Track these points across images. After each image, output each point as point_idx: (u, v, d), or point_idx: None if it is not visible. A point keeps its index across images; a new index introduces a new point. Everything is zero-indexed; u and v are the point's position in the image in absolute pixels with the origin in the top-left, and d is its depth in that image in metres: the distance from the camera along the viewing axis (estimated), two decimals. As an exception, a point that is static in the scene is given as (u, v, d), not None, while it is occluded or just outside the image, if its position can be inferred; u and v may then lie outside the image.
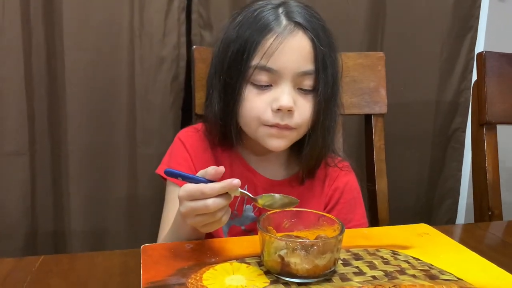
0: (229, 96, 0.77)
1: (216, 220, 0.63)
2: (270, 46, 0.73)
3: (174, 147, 0.85)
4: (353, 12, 1.25)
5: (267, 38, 0.73)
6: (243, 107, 0.76)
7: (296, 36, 0.74)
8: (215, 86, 0.79)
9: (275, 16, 0.75)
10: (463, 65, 1.40)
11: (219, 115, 0.79)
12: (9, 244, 1.14)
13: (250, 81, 0.75)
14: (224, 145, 0.83)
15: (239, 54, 0.75)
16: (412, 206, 1.43)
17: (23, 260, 0.67)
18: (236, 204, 0.83)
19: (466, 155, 1.46)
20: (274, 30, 0.73)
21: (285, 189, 0.84)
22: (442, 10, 1.34)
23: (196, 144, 0.84)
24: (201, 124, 0.86)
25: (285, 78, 0.74)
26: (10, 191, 1.12)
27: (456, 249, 0.69)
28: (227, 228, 0.83)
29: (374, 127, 1.06)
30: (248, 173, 0.84)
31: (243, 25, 0.76)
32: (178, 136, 0.86)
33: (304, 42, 0.74)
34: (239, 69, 0.75)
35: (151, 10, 1.13)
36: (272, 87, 0.75)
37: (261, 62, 0.73)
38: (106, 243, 1.19)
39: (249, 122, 0.77)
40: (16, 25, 1.06)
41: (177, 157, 0.83)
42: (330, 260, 0.58)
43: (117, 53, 1.12)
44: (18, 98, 1.09)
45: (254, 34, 0.74)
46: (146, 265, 0.61)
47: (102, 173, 1.17)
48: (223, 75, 0.78)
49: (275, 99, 0.74)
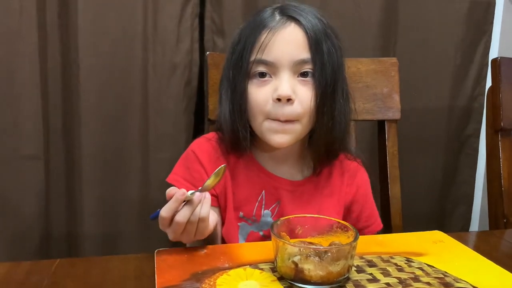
0: (236, 95, 0.79)
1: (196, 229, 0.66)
2: (264, 40, 0.76)
3: (188, 159, 0.85)
4: (366, 17, 1.25)
5: (262, 33, 0.77)
6: (248, 103, 0.79)
7: (288, 27, 0.77)
8: (224, 89, 0.82)
9: (271, 14, 0.79)
10: (477, 71, 1.39)
11: (229, 116, 0.81)
12: (23, 247, 1.15)
13: (251, 76, 0.78)
14: (237, 150, 0.83)
15: (240, 53, 0.79)
16: (425, 212, 1.42)
17: (40, 263, 0.68)
18: (254, 210, 0.84)
19: (480, 161, 1.44)
20: (268, 26, 0.77)
21: (306, 189, 0.85)
22: (456, 15, 1.33)
23: (208, 154, 0.84)
24: (213, 133, 0.87)
25: (282, 68, 0.76)
26: (25, 195, 1.13)
27: (471, 257, 0.69)
28: (245, 234, 0.84)
29: (387, 133, 1.05)
30: (266, 177, 0.84)
31: (244, 28, 0.80)
32: (191, 148, 0.86)
33: (296, 31, 0.77)
34: (241, 67, 0.78)
35: (164, 16, 1.14)
36: (272, 79, 0.78)
37: (257, 56, 0.77)
38: (119, 246, 1.20)
39: (255, 116, 0.79)
40: (32, 32, 1.08)
41: (192, 171, 0.84)
42: (344, 267, 0.58)
43: (131, 59, 1.14)
44: (34, 103, 1.10)
45: (252, 32, 0.78)
46: (160, 270, 0.62)
47: (115, 177, 1.18)
48: (230, 77, 0.81)
49: (275, 89, 0.76)
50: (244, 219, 0.84)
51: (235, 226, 0.83)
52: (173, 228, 0.65)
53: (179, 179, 0.84)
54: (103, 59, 1.12)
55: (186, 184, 0.83)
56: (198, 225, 0.65)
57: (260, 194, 0.83)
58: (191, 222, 0.64)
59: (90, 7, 1.09)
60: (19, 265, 0.66)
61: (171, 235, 0.67)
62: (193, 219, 0.64)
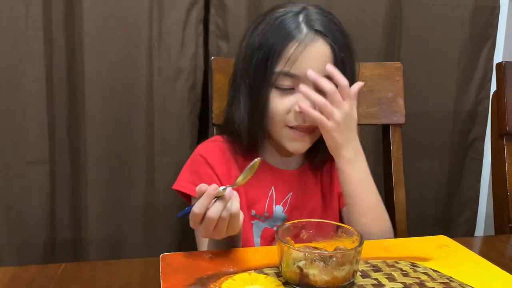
0: (255, 100, 0.81)
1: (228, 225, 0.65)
2: (293, 54, 0.77)
3: (196, 164, 0.86)
4: (370, 21, 1.25)
5: (289, 46, 0.78)
6: (268, 109, 0.80)
7: (316, 43, 0.78)
8: (241, 91, 0.83)
9: (296, 24, 0.79)
10: (482, 75, 1.38)
11: (246, 118, 0.82)
12: (29, 251, 1.15)
13: (275, 86, 0.80)
14: (247, 151, 0.84)
15: (264, 61, 0.79)
16: (430, 217, 1.42)
17: (46, 267, 0.68)
18: (266, 206, 0.85)
19: (485, 165, 1.44)
20: (296, 38, 0.78)
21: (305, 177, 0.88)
22: (460, 19, 1.33)
23: (217, 157, 0.85)
24: (218, 136, 0.88)
25: (306, 82, 0.77)
26: (30, 199, 1.14)
27: (477, 262, 0.68)
28: (259, 231, 0.85)
29: (392, 137, 1.05)
30: (274, 174, 0.87)
31: (266, 33, 0.80)
32: (198, 153, 0.87)
33: (324, 48, 0.79)
34: (264, 74, 0.79)
35: (169, 22, 1.15)
36: (294, 90, 0.79)
37: (284, 68, 0.78)
38: (124, 251, 1.20)
39: (274, 123, 0.81)
40: (38, 37, 1.08)
41: (201, 174, 0.84)
42: (349, 272, 0.58)
43: (136, 64, 1.14)
44: (39, 107, 1.11)
45: (277, 42, 0.78)
46: (165, 274, 0.62)
47: (120, 181, 1.18)
48: (248, 80, 0.82)
49: (297, 102, 0.78)
50: (256, 217, 0.86)
51: (249, 225, 0.85)
52: (205, 225, 0.64)
53: (186, 184, 0.84)
54: (108, 64, 1.13)
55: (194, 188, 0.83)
56: (229, 221, 0.65)
57: (269, 190, 0.84)
58: (223, 218, 0.64)
59: (96, 12, 1.10)
60: (26, 269, 0.67)
61: (202, 232, 0.66)
62: (225, 215, 0.64)
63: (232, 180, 0.80)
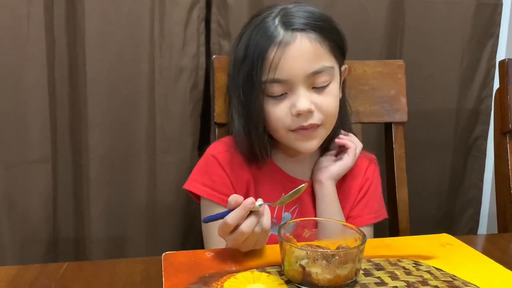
0: (248, 112, 0.80)
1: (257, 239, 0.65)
2: (274, 59, 0.76)
3: (208, 164, 0.85)
4: (372, 20, 1.25)
5: (269, 52, 0.76)
6: (268, 119, 0.79)
7: (295, 42, 0.76)
8: (234, 105, 0.82)
9: (273, 28, 0.77)
10: (484, 73, 1.38)
11: (243, 132, 0.81)
12: (31, 251, 1.15)
13: (266, 94, 0.78)
14: (257, 159, 0.84)
15: (249, 72, 0.78)
16: (433, 215, 1.41)
17: (48, 266, 0.68)
18: (275, 213, 0.85)
19: (488, 163, 1.43)
20: (274, 42, 0.76)
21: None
22: (463, 16, 1.32)
23: (230, 161, 0.84)
24: (230, 138, 0.87)
25: (296, 83, 0.76)
26: (32, 198, 1.14)
27: (480, 260, 0.68)
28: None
29: (394, 136, 1.05)
30: (286, 181, 0.86)
31: (247, 44, 0.79)
32: (210, 153, 0.86)
33: (305, 44, 0.76)
34: (252, 86, 0.78)
35: (171, 21, 1.14)
36: (287, 94, 0.78)
37: (269, 76, 0.76)
38: (126, 250, 1.20)
39: (277, 130, 0.80)
40: (40, 36, 1.08)
41: (212, 175, 0.84)
42: (352, 270, 0.58)
43: (138, 63, 1.14)
44: (41, 107, 1.11)
45: (258, 51, 0.77)
46: (167, 273, 0.62)
47: (122, 180, 1.18)
48: (239, 94, 0.80)
49: (293, 105, 0.77)
50: None
51: None
52: (235, 236, 0.63)
53: (197, 185, 0.84)
54: (110, 63, 1.13)
55: (205, 189, 0.83)
56: (259, 236, 0.64)
57: (280, 197, 0.85)
58: (255, 233, 0.63)
59: (97, 11, 1.10)
60: (28, 268, 0.67)
61: (230, 242, 0.65)
62: (257, 230, 0.63)
63: (243, 182, 0.79)
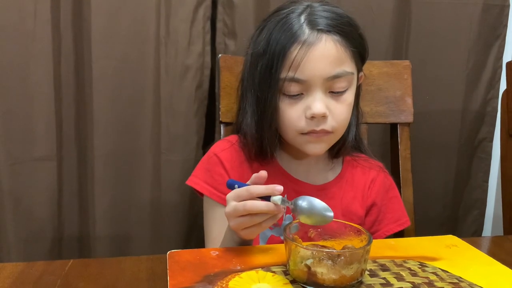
0: (263, 109, 0.78)
1: (254, 224, 0.64)
2: (296, 57, 0.74)
3: (210, 163, 0.85)
4: (378, 20, 1.24)
5: (291, 50, 0.74)
6: (278, 117, 0.78)
7: (320, 43, 0.75)
8: (248, 100, 0.81)
9: (298, 26, 0.75)
10: (491, 74, 1.37)
11: (255, 128, 0.80)
12: (36, 248, 1.16)
13: (282, 93, 0.77)
14: (261, 157, 0.83)
15: (268, 68, 0.76)
16: (438, 216, 1.41)
17: (53, 263, 0.68)
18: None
19: (493, 165, 1.43)
20: (298, 41, 0.74)
21: (329, 193, 0.85)
22: (469, 17, 1.32)
23: (232, 158, 0.84)
24: (235, 136, 0.87)
25: (314, 85, 0.75)
26: (37, 196, 1.14)
27: (486, 262, 0.68)
28: (266, 238, 0.84)
29: (400, 136, 1.05)
30: (289, 183, 0.84)
31: (269, 38, 0.77)
32: (213, 151, 0.86)
33: (329, 46, 0.75)
34: (270, 82, 0.76)
35: (177, 19, 1.14)
36: (303, 95, 0.76)
37: (289, 74, 0.74)
38: (130, 248, 1.20)
39: (287, 131, 0.79)
40: (46, 34, 1.09)
41: (214, 174, 0.83)
42: (357, 271, 0.58)
43: (143, 62, 1.14)
44: (47, 104, 1.11)
45: (280, 46, 0.75)
46: (172, 271, 0.62)
47: (127, 178, 1.18)
48: (255, 88, 0.79)
49: (308, 107, 0.76)
50: None
51: None
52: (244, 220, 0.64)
53: (199, 182, 0.84)
54: (115, 61, 1.13)
55: (206, 187, 0.83)
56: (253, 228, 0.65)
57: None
58: (254, 217, 0.64)
59: (104, 10, 1.10)
60: (33, 265, 0.67)
61: (235, 223, 0.66)
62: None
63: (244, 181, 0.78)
